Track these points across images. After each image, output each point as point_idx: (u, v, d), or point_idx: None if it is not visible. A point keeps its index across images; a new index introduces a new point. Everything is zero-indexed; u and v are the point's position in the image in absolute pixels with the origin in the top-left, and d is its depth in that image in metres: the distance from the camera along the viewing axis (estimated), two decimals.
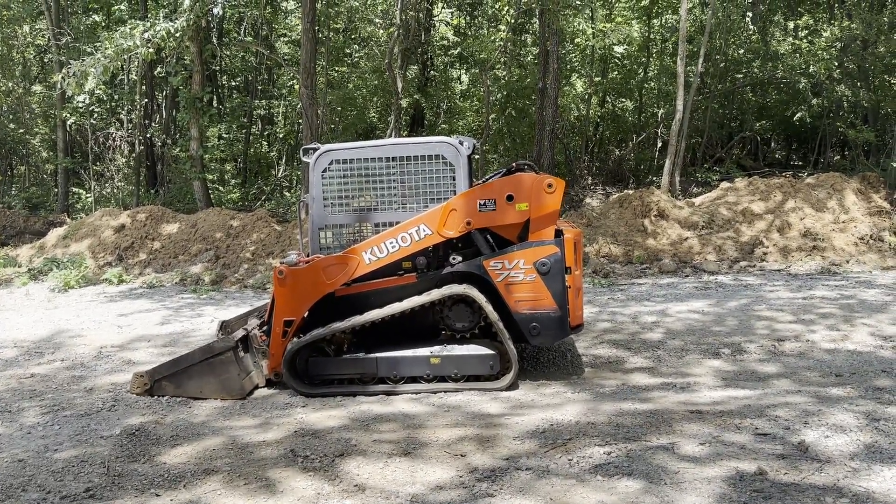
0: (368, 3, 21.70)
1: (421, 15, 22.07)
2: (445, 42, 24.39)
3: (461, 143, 6.44)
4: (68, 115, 19.43)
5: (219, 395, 6.39)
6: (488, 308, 6.19)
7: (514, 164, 6.78)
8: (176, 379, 6.41)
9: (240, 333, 6.70)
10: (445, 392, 6.21)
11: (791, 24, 22.95)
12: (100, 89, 19.06)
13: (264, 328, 6.89)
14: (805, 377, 6.43)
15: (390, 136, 19.70)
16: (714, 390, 6.13)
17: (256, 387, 6.63)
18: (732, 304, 9.70)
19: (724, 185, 16.17)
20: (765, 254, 13.25)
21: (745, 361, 7.06)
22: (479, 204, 6.25)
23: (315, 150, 6.59)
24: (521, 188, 6.25)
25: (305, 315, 6.55)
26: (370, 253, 6.34)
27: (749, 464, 4.42)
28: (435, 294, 6.31)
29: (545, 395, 6.13)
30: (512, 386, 6.26)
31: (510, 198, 6.23)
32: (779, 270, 12.46)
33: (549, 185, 6.21)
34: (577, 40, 22.71)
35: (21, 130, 23.46)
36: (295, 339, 6.36)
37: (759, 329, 8.24)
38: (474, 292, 6.23)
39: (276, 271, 6.36)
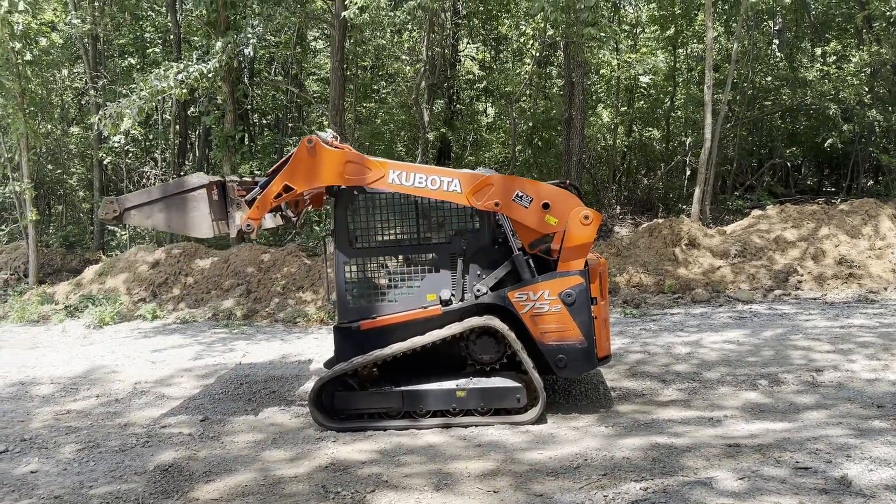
0: (395, 40, 22.05)
1: (447, 51, 22.37)
2: (471, 76, 24.64)
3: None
4: (104, 155, 19.93)
5: (186, 231, 6.23)
6: (511, 336, 6.15)
7: (566, 181, 6.76)
8: (146, 209, 6.23)
9: (216, 178, 6.54)
10: (476, 426, 6.16)
11: (819, 51, 22.82)
12: (135, 129, 19.54)
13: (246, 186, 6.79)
14: (845, 409, 6.27)
15: None
16: (751, 423, 6.00)
17: (227, 236, 6.51)
18: (768, 333, 9.53)
19: (756, 212, 15.98)
20: (799, 282, 13.02)
21: (782, 393, 6.91)
22: (517, 194, 6.21)
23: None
24: (560, 204, 6.21)
25: (302, 193, 6.54)
26: (397, 175, 6.28)
27: (790, 499, 4.31)
28: (456, 327, 6.29)
29: (577, 429, 6.05)
30: (540, 419, 6.19)
31: (546, 206, 6.19)
32: (814, 299, 12.23)
33: (586, 217, 6.15)
34: (602, 71, 22.82)
35: (59, 171, 24.07)
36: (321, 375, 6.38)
37: (796, 359, 8.07)
38: (496, 322, 6.20)
39: (307, 139, 6.31)
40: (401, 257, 6.68)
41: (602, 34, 17.82)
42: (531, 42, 23.11)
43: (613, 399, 6.96)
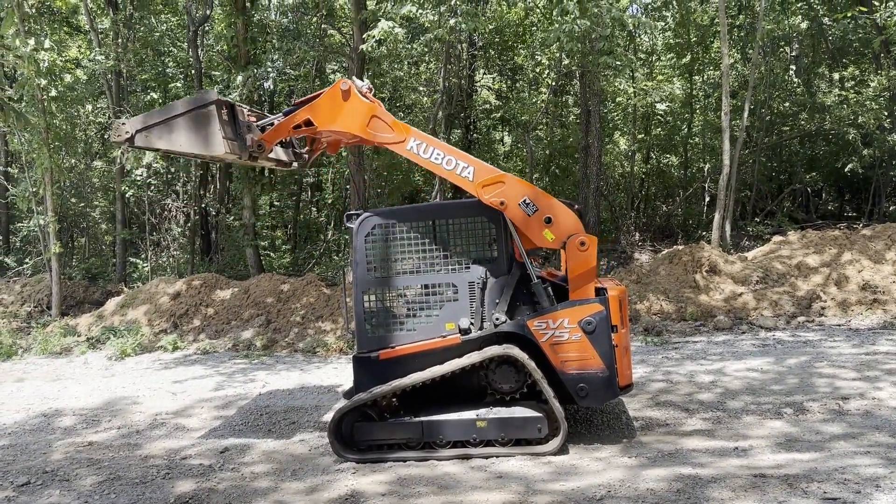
0: (413, 72, 22.31)
1: (463, 81, 22.59)
2: (488, 106, 24.84)
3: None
4: (127, 189, 20.22)
5: (198, 148, 6.15)
6: (531, 365, 6.10)
7: (573, 204, 6.76)
8: (157, 130, 6.19)
9: (225, 99, 6.46)
10: (497, 457, 6.10)
11: (836, 76, 22.76)
12: (157, 163, 19.83)
13: (256, 113, 6.78)
14: (873, 438, 6.13)
15: (435, 198, 19.96)
16: (777, 453, 5.89)
17: (238, 157, 6.42)
18: (792, 361, 9.39)
19: (777, 238, 15.84)
20: (823, 308, 12.85)
21: (808, 421, 6.78)
22: (524, 200, 6.24)
23: (358, 215, 6.70)
24: (562, 224, 6.24)
25: (321, 132, 6.53)
26: (416, 144, 6.35)
27: None
28: (475, 356, 6.25)
29: (600, 460, 5.97)
30: (561, 450, 6.11)
31: (548, 220, 6.22)
32: (839, 325, 12.05)
33: (582, 244, 6.18)
34: (618, 99, 22.89)
35: (82, 204, 24.44)
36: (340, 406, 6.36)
37: (822, 387, 7.93)
38: (515, 351, 6.16)
39: (341, 82, 6.36)
40: (419, 286, 6.66)
41: (618, 63, 17.92)
42: (547, 71, 23.30)
43: (636, 429, 6.87)
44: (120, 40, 20.94)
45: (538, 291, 6.28)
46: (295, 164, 7.60)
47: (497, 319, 6.30)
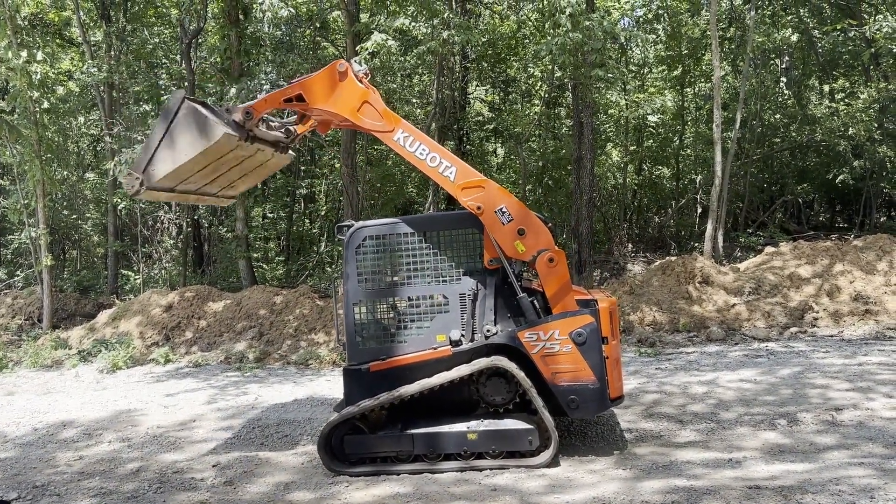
0: (406, 84, 22.37)
1: (456, 93, 22.66)
2: (481, 117, 24.91)
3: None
4: (119, 201, 20.17)
5: (203, 143, 6.05)
6: (520, 375, 6.09)
7: (548, 223, 6.77)
8: (162, 155, 6.14)
9: (193, 98, 6.45)
10: (491, 469, 6.07)
11: (827, 88, 22.94)
12: None
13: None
14: (867, 448, 6.14)
15: (428, 209, 19.99)
16: (771, 464, 5.89)
17: (237, 139, 6.30)
18: (785, 372, 9.40)
19: (769, 249, 15.90)
20: (815, 319, 12.88)
21: (801, 432, 6.78)
22: (500, 208, 6.25)
23: (349, 227, 6.69)
24: (534, 237, 6.25)
25: (311, 109, 6.53)
26: (403, 136, 6.36)
27: None
28: (465, 368, 6.24)
29: (593, 472, 5.95)
30: (553, 462, 6.09)
31: (521, 232, 6.24)
32: (831, 336, 12.08)
33: (550, 260, 6.22)
34: (610, 111, 23.02)
35: (74, 216, 24.36)
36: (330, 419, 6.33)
37: (814, 398, 7.94)
38: (504, 362, 6.15)
39: (339, 63, 6.39)
40: (410, 298, 6.64)
41: (609, 75, 18.02)
42: (539, 83, 23.42)
43: (630, 441, 6.86)
44: (112, 52, 20.95)
45: (524, 305, 6.28)
46: (290, 153, 7.53)
47: (488, 331, 6.29)
